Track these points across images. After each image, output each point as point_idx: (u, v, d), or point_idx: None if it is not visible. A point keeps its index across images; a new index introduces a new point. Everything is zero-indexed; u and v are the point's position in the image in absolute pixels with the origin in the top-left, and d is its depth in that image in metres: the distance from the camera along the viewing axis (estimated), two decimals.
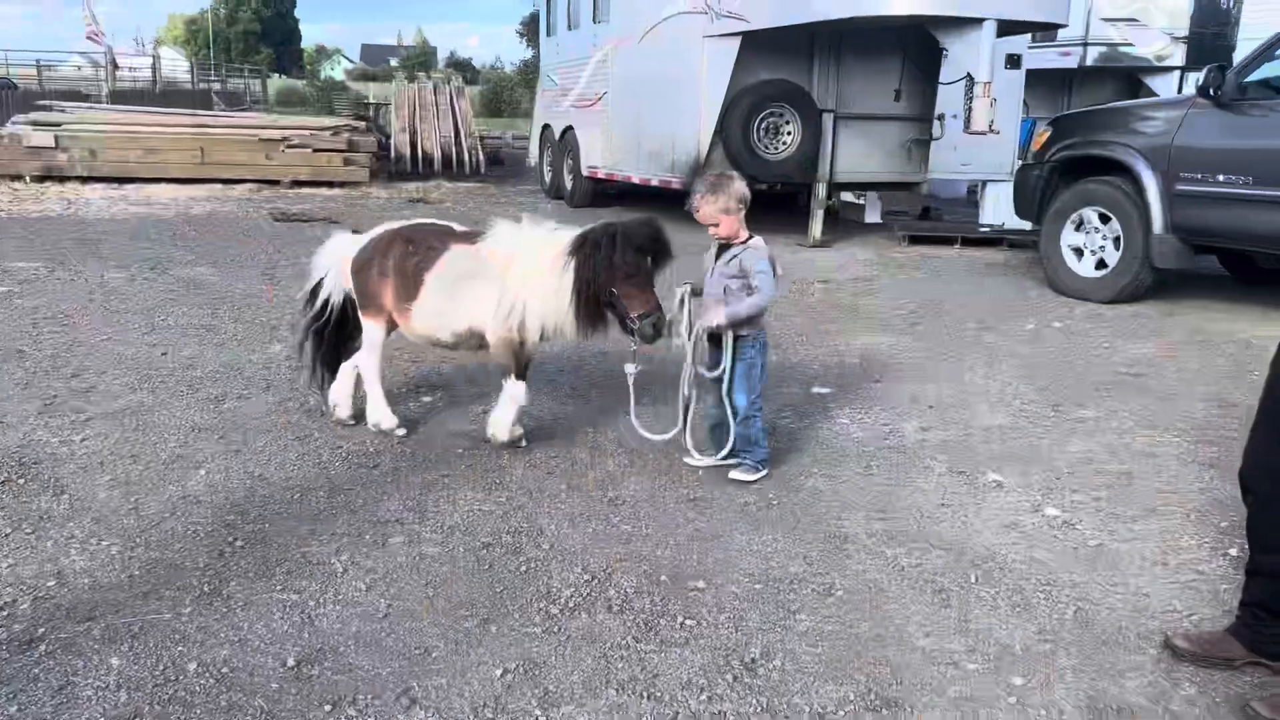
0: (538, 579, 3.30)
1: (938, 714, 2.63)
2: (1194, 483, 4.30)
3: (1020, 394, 5.55)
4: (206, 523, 3.64)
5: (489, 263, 4.11)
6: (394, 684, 2.70)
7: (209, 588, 3.18)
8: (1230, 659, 2.85)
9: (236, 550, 3.43)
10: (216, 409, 4.92)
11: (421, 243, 4.29)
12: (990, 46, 7.88)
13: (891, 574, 3.41)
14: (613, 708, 2.62)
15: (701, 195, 4.02)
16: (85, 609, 3.03)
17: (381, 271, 4.31)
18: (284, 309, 7.07)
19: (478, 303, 4.13)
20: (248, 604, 3.09)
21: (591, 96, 13.27)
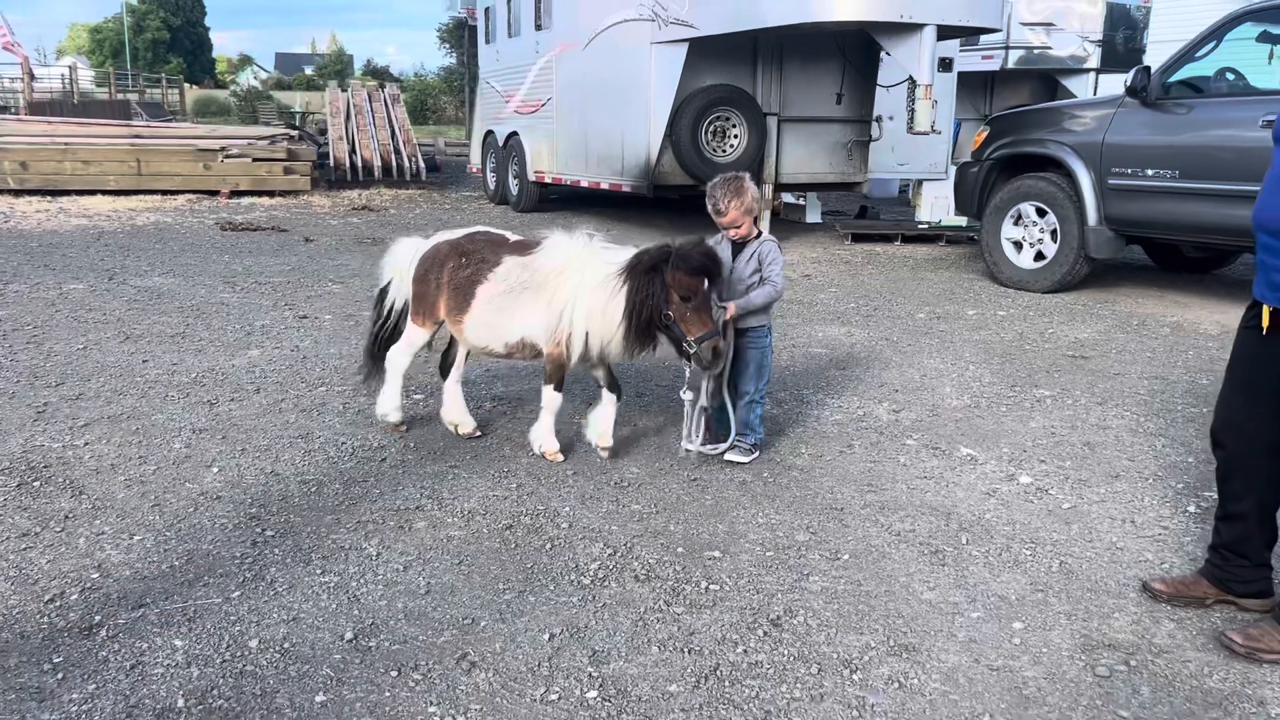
0: (563, 554, 3.50)
1: (953, 655, 2.91)
2: (1148, 451, 4.67)
3: (978, 377, 5.91)
4: (232, 516, 3.76)
5: (540, 275, 4.11)
6: (451, 651, 2.88)
7: (251, 574, 3.31)
8: (1203, 598, 3.18)
9: (268, 540, 3.57)
10: (212, 412, 5.00)
11: (475, 255, 4.32)
12: (931, 50, 8.28)
13: (889, 539, 3.68)
14: (658, 662, 2.84)
15: (727, 200, 4.18)
16: (135, 597, 3.14)
17: (438, 284, 4.35)
18: (255, 316, 7.13)
19: (529, 315, 4.14)
20: (292, 587, 3.23)
21: (535, 102, 13.45)
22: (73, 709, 2.59)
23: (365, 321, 4.90)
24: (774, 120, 10.65)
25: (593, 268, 4.01)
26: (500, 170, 14.70)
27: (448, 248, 4.41)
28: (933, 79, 8.44)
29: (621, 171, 11.13)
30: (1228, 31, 7.27)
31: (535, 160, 13.38)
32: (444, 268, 4.35)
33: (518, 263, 4.21)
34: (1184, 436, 4.87)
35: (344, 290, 8.15)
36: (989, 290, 8.68)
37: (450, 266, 4.33)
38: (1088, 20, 15.69)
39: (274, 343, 6.38)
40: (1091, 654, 2.93)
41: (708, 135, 10.40)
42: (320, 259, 9.70)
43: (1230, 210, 6.93)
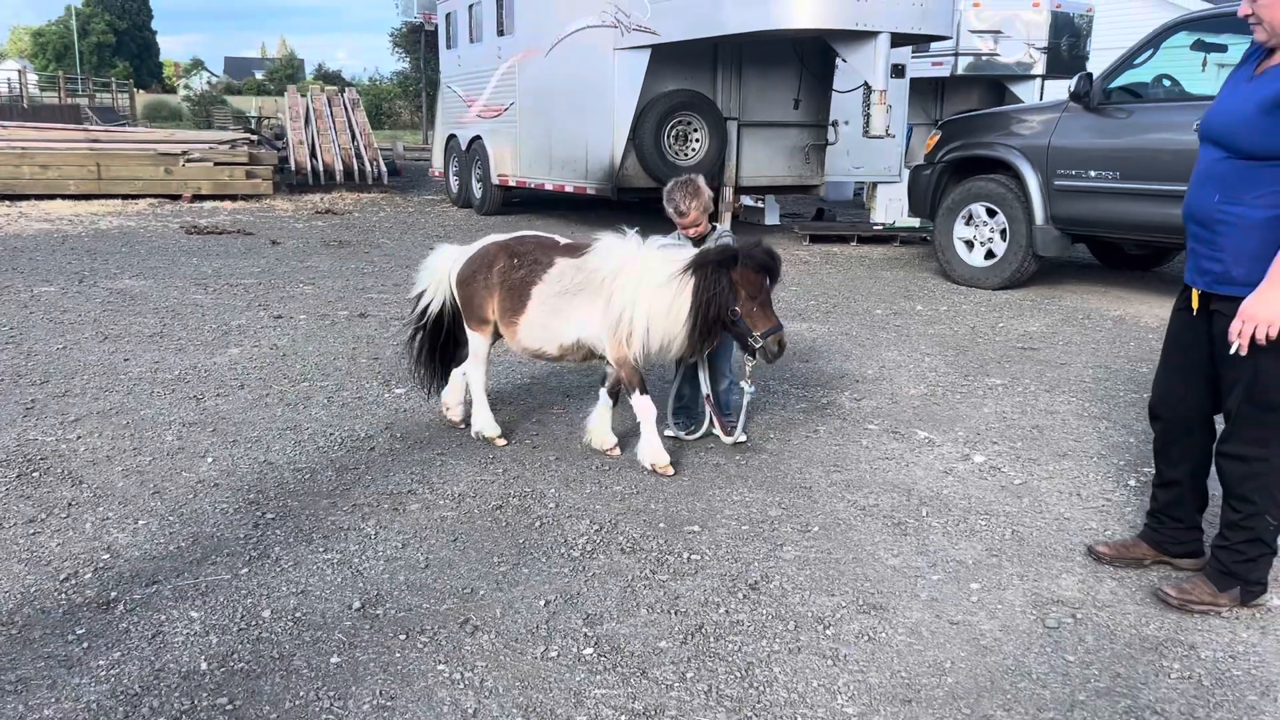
0: (552, 531, 3.71)
1: (917, 613, 3.17)
2: (1092, 433, 4.99)
3: (933, 368, 6.21)
4: (231, 501, 3.93)
5: (595, 276, 4.15)
6: (454, 616, 3.09)
7: (256, 553, 3.49)
8: (1141, 559, 3.47)
9: (269, 522, 3.74)
10: (199, 407, 5.15)
11: (526, 256, 4.33)
12: (886, 57, 8.61)
13: (855, 513, 3.94)
14: (647, 623, 3.07)
15: (687, 201, 4.49)
16: (147, 575, 3.31)
17: (487, 285, 4.37)
18: (230, 316, 7.25)
19: (584, 316, 4.18)
20: (297, 564, 3.42)
21: (498, 107, 13.63)
22: (100, 673, 2.76)
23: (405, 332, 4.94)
24: (734, 125, 10.95)
25: (654, 268, 4.07)
26: (463, 174, 14.86)
27: (496, 249, 4.42)
28: (887, 85, 8.76)
29: (585, 175, 11.36)
30: (1164, 40, 7.66)
31: (499, 164, 13.56)
32: (493, 269, 4.36)
33: (571, 264, 4.23)
34: (1125, 419, 5.20)
35: (316, 291, 8.28)
36: (942, 287, 9.02)
37: (500, 267, 4.34)
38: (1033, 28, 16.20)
39: (252, 341, 6.52)
40: (1041, 609, 3.21)
41: (670, 139, 10.67)
42: (289, 261, 9.81)
43: (1168, 209, 7.31)
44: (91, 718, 2.57)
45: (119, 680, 2.73)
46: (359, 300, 7.94)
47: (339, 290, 8.36)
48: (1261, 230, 2.88)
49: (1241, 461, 3.05)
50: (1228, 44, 8.16)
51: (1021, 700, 2.72)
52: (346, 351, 6.31)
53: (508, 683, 2.75)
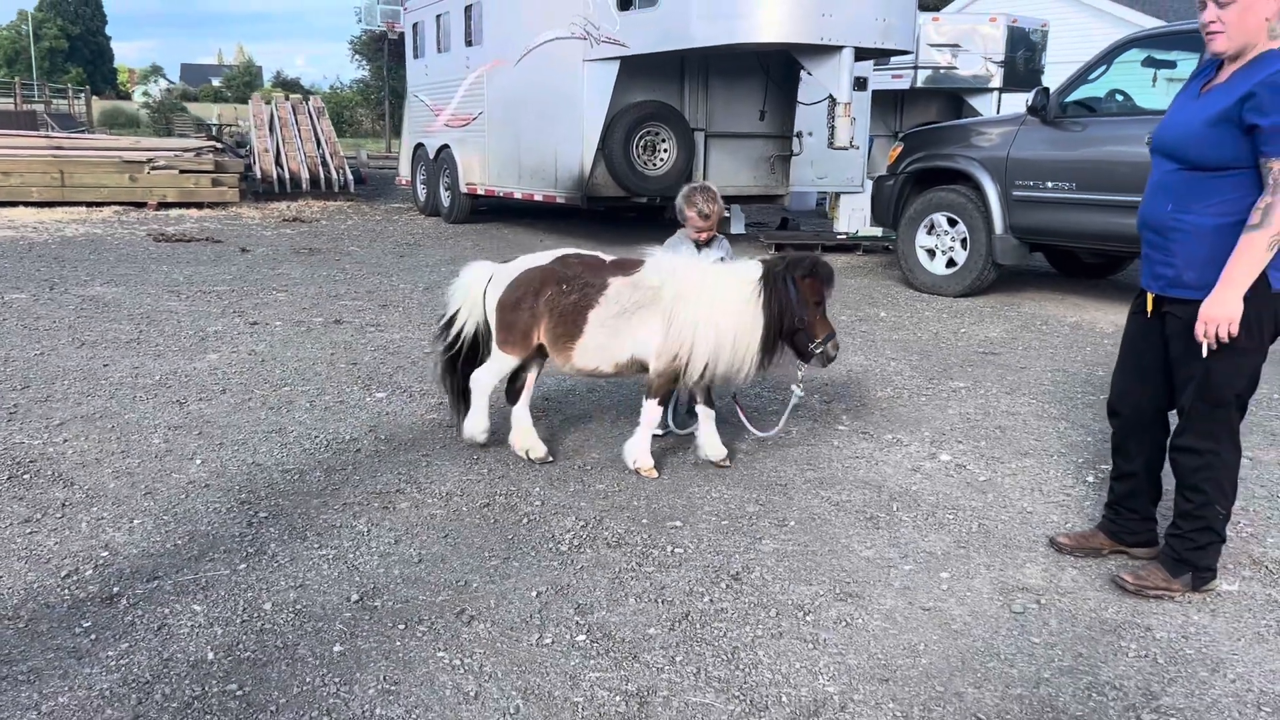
0: (540, 527, 3.85)
1: (890, 600, 3.34)
2: (1051, 432, 5.21)
3: (899, 371, 6.42)
4: (223, 501, 4.02)
5: (653, 294, 4.19)
6: (450, 607, 3.21)
7: (252, 549, 3.59)
8: (1099, 549, 3.67)
9: (263, 521, 3.84)
10: (183, 411, 5.22)
11: (576, 280, 4.28)
12: (850, 70, 8.84)
13: (829, 508, 4.12)
14: (636, 611, 3.21)
15: (711, 204, 4.70)
16: (147, 572, 3.40)
17: (533, 313, 4.29)
18: (205, 323, 7.30)
19: (643, 334, 4.20)
20: (294, 559, 3.52)
21: (467, 116, 13.74)
22: (110, 663, 2.85)
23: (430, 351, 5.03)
24: (701, 135, 11.16)
25: (725, 284, 4.14)
26: (431, 182, 14.94)
27: (542, 275, 4.34)
28: (851, 97, 9.00)
29: (555, 184, 11.50)
30: (1117, 56, 7.96)
31: (467, 173, 13.66)
32: (540, 296, 4.29)
33: (625, 283, 4.24)
34: (1083, 420, 5.43)
35: (289, 298, 8.34)
36: (905, 295, 9.26)
37: (549, 295, 4.28)
38: (990, 42, 16.62)
39: (230, 347, 6.58)
40: (1008, 596, 3.39)
41: (639, 149, 10.84)
42: (260, 269, 9.85)
43: (1122, 219, 7.59)
44: (105, 704, 2.66)
45: (129, 670, 2.82)
46: (333, 307, 8.02)
47: (312, 297, 8.42)
48: (1212, 237, 3.09)
49: (1194, 454, 3.26)
50: (1176, 60, 8.49)
51: (991, 678, 2.90)
52: (325, 357, 6.39)
53: (506, 667, 2.88)
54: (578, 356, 4.29)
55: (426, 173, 15.14)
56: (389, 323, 7.49)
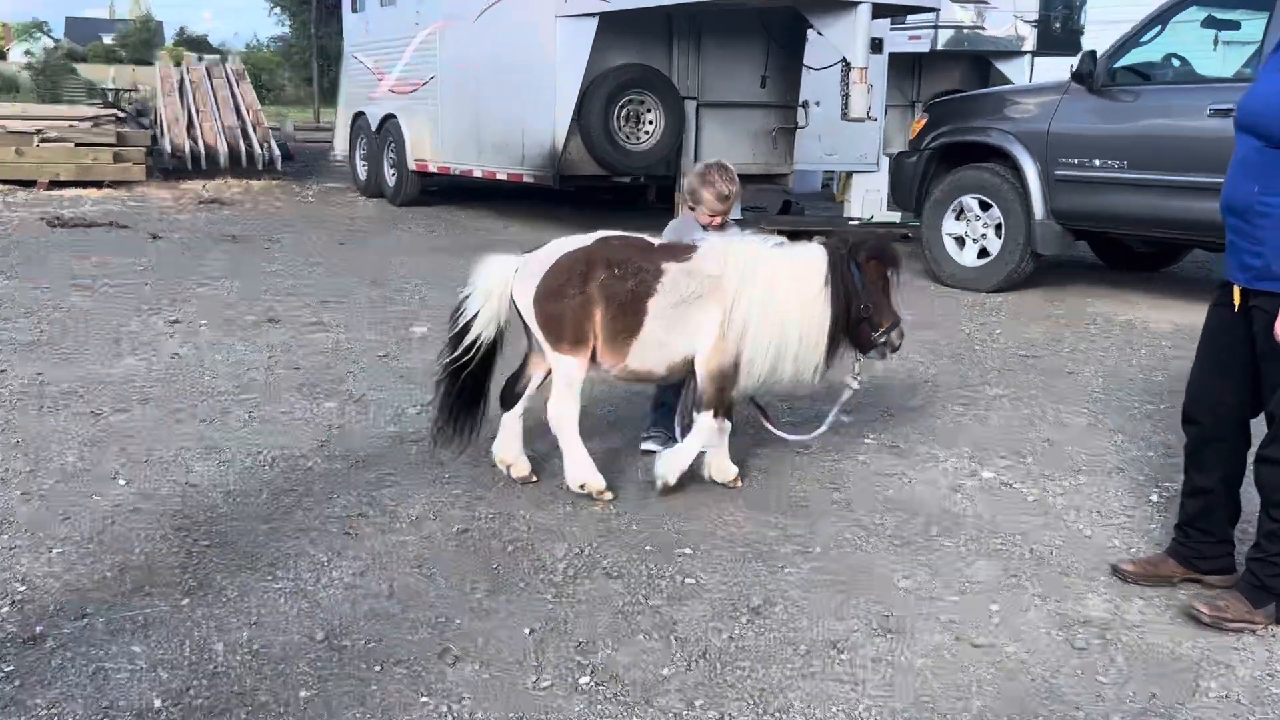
0: (528, 555, 3.91)
1: (936, 635, 3.43)
2: (1107, 446, 5.33)
3: (928, 377, 6.53)
4: (155, 527, 4.05)
5: (711, 282, 4.24)
6: (431, 647, 3.26)
7: (195, 582, 3.62)
8: (1170, 576, 3.78)
9: (205, 550, 3.87)
10: (98, 423, 5.23)
11: (629, 263, 4.25)
12: (866, 30, 8.97)
13: (858, 533, 4.20)
14: (645, 650, 3.28)
15: (730, 185, 4.73)
16: (73, 608, 3.42)
17: (584, 301, 4.22)
18: (118, 321, 7.30)
19: (700, 329, 4.26)
20: (244, 593, 3.56)
21: (416, 81, 13.79)
22: (42, 713, 2.88)
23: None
24: (692, 105, 11.26)
25: (789, 269, 4.25)
26: (373, 158, 14.96)
27: (587, 257, 4.29)
28: (869, 61, 9.13)
29: (521, 160, 11.57)
30: (1173, 16, 8.14)
31: (416, 147, 13.70)
32: (589, 281, 4.23)
33: (681, 270, 4.26)
34: (1142, 432, 5.55)
35: (214, 293, 8.35)
36: (930, 290, 9.39)
37: (601, 279, 4.22)
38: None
39: (149, 350, 6.59)
40: (1068, 630, 3.49)
41: (620, 120, 10.93)
42: (177, 259, 9.85)
43: (1179, 202, 7.76)
44: None
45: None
46: (265, 303, 8.04)
47: (240, 292, 8.44)
48: None
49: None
50: (1241, 20, 8.68)
51: None
52: (261, 361, 6.42)
53: (500, 714, 2.94)
54: (634, 355, 4.29)
55: (368, 147, 15.16)
56: (333, 322, 7.52)
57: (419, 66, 13.69)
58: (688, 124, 11.22)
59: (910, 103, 17.44)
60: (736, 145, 11.57)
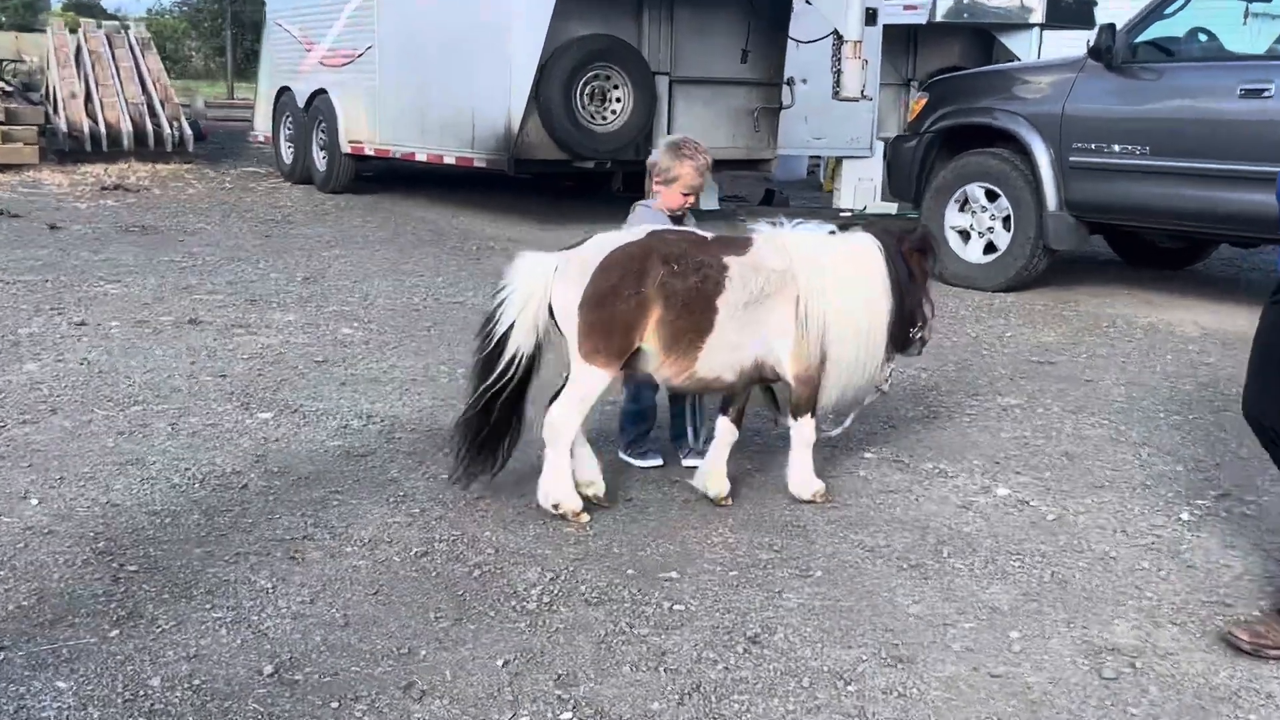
0: (496, 581, 3.98)
1: (950, 665, 3.53)
2: (1132, 460, 5.48)
3: (933, 385, 6.67)
4: (75, 551, 4.08)
5: (780, 279, 4.38)
6: (394, 680, 3.32)
7: (124, 612, 3.66)
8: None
9: (133, 576, 3.91)
10: (1, 436, 5.25)
11: (688, 259, 4.28)
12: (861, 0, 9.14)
13: (862, 555, 4.31)
14: (632, 682, 3.36)
15: (707, 156, 4.93)
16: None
17: (640, 303, 4.23)
18: (15, 323, 7.31)
19: (775, 330, 4.41)
20: (180, 623, 3.61)
21: (350, 51, 13.84)
22: None
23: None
24: (665, 81, 11.38)
25: (854, 262, 4.51)
26: (301, 139, 14.98)
27: (641, 251, 4.30)
28: (863, 34, 9.28)
29: (472, 143, 11.64)
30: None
31: (350, 127, 13.75)
32: (645, 279, 4.23)
33: (745, 264, 4.35)
34: (1170, 444, 5.71)
35: (124, 291, 8.37)
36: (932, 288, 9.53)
37: (659, 277, 4.24)
38: None
39: (53, 355, 6.60)
40: (1095, 658, 3.61)
41: (584, 98, 11.04)
42: (79, 252, 9.84)
43: (1207, 193, 7.96)
44: None
45: None
46: (185, 302, 8.06)
47: (155, 290, 8.46)
48: None
49: None
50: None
51: None
52: (183, 368, 6.45)
53: None
54: (704, 361, 4.36)
55: (294, 127, 15.19)
56: (261, 323, 7.57)
57: (354, 35, 13.75)
58: (659, 103, 11.35)
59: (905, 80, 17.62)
60: (714, 127, 11.72)
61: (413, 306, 8.29)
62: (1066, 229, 8.93)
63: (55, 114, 16.73)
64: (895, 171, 10.28)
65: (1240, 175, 7.82)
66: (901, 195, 10.48)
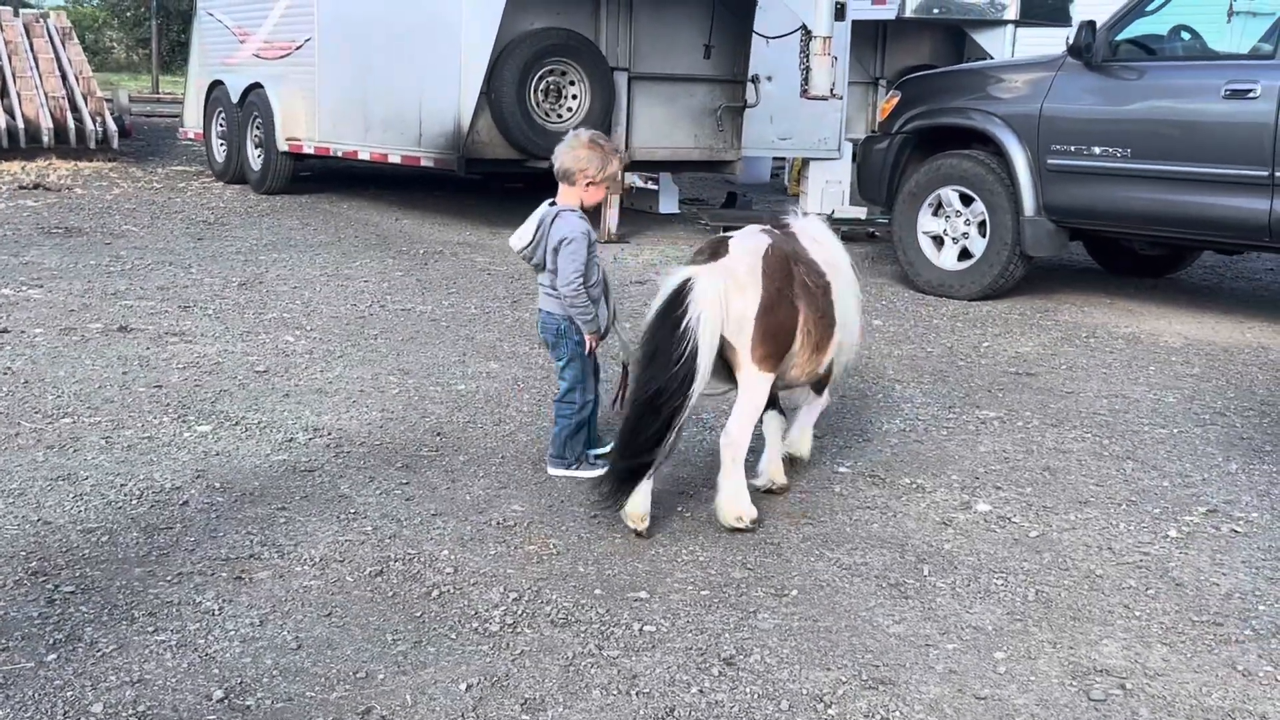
0: (456, 602, 4.00)
1: (934, 687, 3.59)
2: (1115, 475, 5.58)
3: (908, 397, 6.75)
4: (6, 573, 4.06)
5: (833, 271, 4.89)
6: (351, 706, 3.34)
7: (61, 635, 3.66)
8: None
9: (69, 598, 3.91)
10: None
11: (802, 256, 4.75)
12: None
13: (839, 573, 4.37)
14: (603, 707, 3.39)
15: (616, 152, 5.13)
16: None
17: (792, 306, 4.60)
18: None
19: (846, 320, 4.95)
20: (122, 647, 3.61)
21: (288, 43, 13.82)
22: None
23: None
24: (623, 77, 11.44)
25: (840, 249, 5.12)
26: (234, 136, 14.91)
27: (780, 251, 4.63)
28: (832, 30, 9.39)
29: (419, 140, 11.65)
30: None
31: (288, 123, 13.71)
32: (793, 281, 4.61)
33: (821, 259, 4.86)
34: (1154, 459, 5.81)
35: (47, 296, 8.32)
36: (904, 296, 9.66)
37: (799, 278, 4.64)
38: None
39: None
40: (1083, 680, 3.68)
41: (538, 95, 11.08)
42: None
43: (1191, 197, 8.11)
44: None
45: None
46: (113, 309, 8.03)
47: (81, 294, 8.41)
48: None
49: None
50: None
51: None
52: (114, 377, 6.43)
53: None
54: (827, 355, 4.89)
55: (227, 123, 15.12)
56: (196, 330, 7.55)
57: (292, 26, 13.73)
58: (617, 100, 11.39)
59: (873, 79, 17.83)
60: (675, 126, 11.80)
61: (358, 314, 8.29)
62: (1044, 235, 9.06)
63: None
64: (865, 174, 10.38)
65: (1224, 179, 7.99)
66: (871, 199, 10.60)
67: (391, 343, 7.48)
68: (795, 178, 15.31)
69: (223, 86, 15.17)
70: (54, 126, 16.41)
